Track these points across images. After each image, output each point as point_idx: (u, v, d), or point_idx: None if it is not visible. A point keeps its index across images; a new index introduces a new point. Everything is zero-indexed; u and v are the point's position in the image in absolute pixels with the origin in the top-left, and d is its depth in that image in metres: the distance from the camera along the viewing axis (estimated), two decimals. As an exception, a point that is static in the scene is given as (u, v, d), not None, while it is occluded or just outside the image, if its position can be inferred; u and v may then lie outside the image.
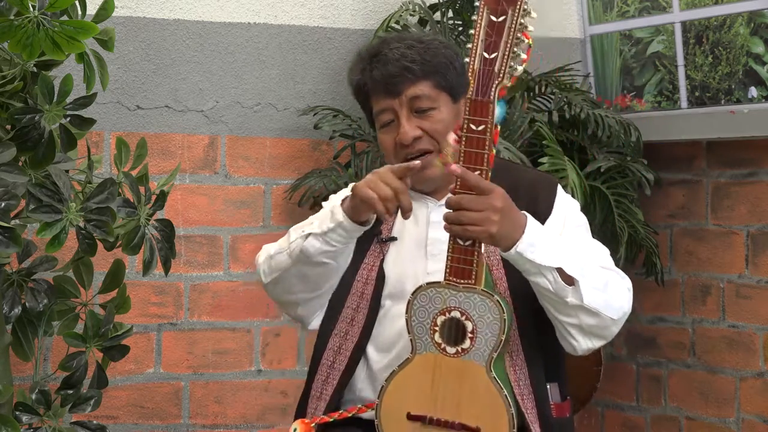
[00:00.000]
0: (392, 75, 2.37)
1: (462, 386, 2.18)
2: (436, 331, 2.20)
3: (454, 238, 2.18)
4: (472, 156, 2.17)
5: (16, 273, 2.66)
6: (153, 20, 3.43)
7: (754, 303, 3.49)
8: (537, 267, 2.20)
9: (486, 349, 2.17)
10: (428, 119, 2.38)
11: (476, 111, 2.18)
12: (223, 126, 3.51)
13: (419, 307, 2.21)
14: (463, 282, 2.19)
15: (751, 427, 3.48)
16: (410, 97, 2.37)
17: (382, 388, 2.22)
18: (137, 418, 3.40)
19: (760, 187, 3.48)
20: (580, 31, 3.92)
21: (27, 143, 2.41)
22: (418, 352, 2.21)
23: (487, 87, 2.19)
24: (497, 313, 2.17)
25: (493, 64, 2.18)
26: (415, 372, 2.21)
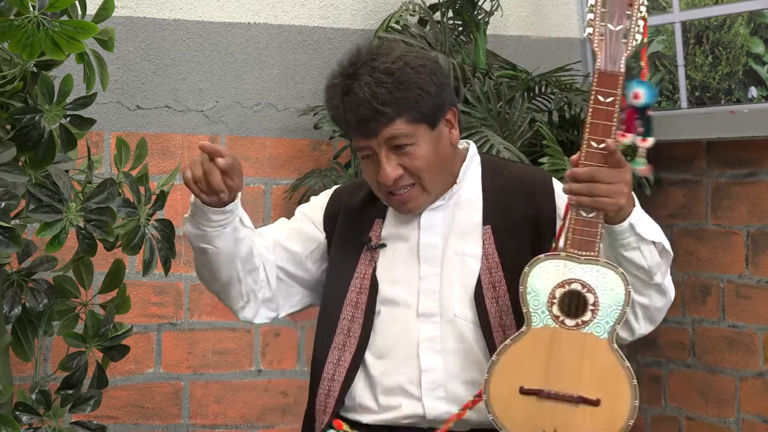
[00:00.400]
0: (365, 119, 2.31)
1: (582, 359, 2.15)
2: (554, 303, 2.17)
3: (577, 210, 2.16)
4: (599, 128, 2.15)
5: (16, 273, 2.66)
6: (153, 20, 3.43)
7: (754, 303, 3.49)
8: (640, 240, 2.20)
9: (609, 321, 2.15)
10: (407, 156, 2.33)
11: (605, 82, 2.16)
12: (223, 126, 3.51)
13: (535, 279, 2.18)
14: (585, 254, 2.16)
15: (751, 427, 3.48)
16: (387, 137, 2.32)
17: (492, 363, 2.18)
18: (137, 418, 3.40)
19: (760, 187, 3.48)
20: (580, 31, 3.92)
21: (27, 143, 2.41)
22: (533, 324, 2.17)
23: (616, 58, 2.17)
24: (621, 285, 2.16)
25: (620, 36, 2.17)
26: (529, 345, 2.17)
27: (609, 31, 2.18)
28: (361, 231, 2.44)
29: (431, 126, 2.35)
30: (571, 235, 2.17)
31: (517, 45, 3.84)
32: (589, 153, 2.15)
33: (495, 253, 2.36)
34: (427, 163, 2.34)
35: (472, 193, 2.43)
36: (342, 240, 2.46)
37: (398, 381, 2.35)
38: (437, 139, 2.36)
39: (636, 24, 2.18)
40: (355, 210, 2.47)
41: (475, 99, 3.42)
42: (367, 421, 2.38)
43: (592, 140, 2.16)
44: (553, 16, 3.91)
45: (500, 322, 2.32)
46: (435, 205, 2.41)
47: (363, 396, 2.38)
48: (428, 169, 2.35)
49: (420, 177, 2.35)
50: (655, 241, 2.24)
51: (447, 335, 2.34)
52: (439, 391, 2.33)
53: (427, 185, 2.36)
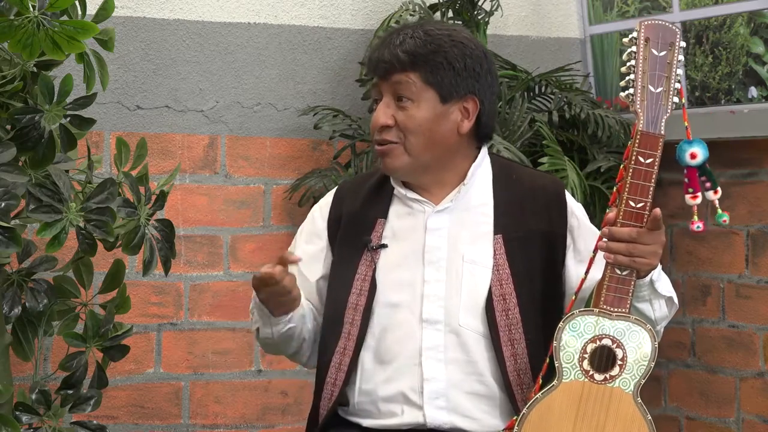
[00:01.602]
0: (384, 60, 2.37)
1: (608, 413, 2.21)
2: (585, 358, 2.22)
3: (612, 268, 2.21)
4: (638, 188, 2.21)
5: (16, 273, 2.66)
6: (153, 20, 3.43)
7: (754, 303, 3.49)
8: (654, 294, 2.27)
9: (635, 376, 2.21)
10: (404, 111, 2.35)
11: (646, 143, 2.22)
12: (223, 126, 3.51)
13: (569, 335, 2.23)
14: (617, 310, 2.22)
15: (751, 427, 3.48)
16: (395, 82, 2.36)
17: (522, 416, 2.21)
18: (137, 418, 3.40)
19: (760, 187, 3.48)
20: (580, 31, 3.92)
21: (27, 143, 2.40)
22: (564, 379, 2.22)
23: (656, 120, 2.24)
24: (649, 342, 2.21)
25: (660, 98, 2.23)
26: (560, 399, 2.22)
27: (650, 93, 2.23)
28: (362, 232, 2.42)
29: (441, 98, 2.36)
30: (605, 291, 2.22)
31: (517, 45, 3.84)
32: (626, 212, 2.21)
33: (506, 264, 2.34)
34: (418, 126, 2.34)
35: (482, 197, 2.41)
36: (345, 242, 2.45)
37: (400, 388, 2.34)
38: (441, 115, 2.36)
39: (674, 86, 2.24)
40: (357, 210, 2.46)
41: (475, 99, 3.42)
42: (367, 425, 2.37)
43: (631, 200, 2.21)
44: (553, 16, 3.91)
45: (509, 336, 2.31)
46: (442, 207, 2.39)
47: (363, 401, 2.37)
48: (417, 133, 2.34)
49: (406, 137, 2.35)
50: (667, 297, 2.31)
51: (450, 344, 2.33)
52: (441, 400, 2.32)
53: (411, 149, 2.35)
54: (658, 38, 2.24)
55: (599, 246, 2.23)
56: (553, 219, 2.40)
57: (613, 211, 2.21)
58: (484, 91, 2.39)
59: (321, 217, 2.51)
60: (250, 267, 3.49)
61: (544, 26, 3.91)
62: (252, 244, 3.52)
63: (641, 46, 2.24)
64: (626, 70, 2.25)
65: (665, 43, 2.24)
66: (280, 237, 3.54)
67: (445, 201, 2.39)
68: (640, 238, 2.18)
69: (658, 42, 2.24)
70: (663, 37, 2.24)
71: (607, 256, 2.20)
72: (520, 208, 2.39)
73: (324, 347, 2.44)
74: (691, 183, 2.25)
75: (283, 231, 3.55)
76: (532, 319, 2.33)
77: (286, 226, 3.55)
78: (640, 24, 2.25)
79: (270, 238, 3.54)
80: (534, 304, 2.34)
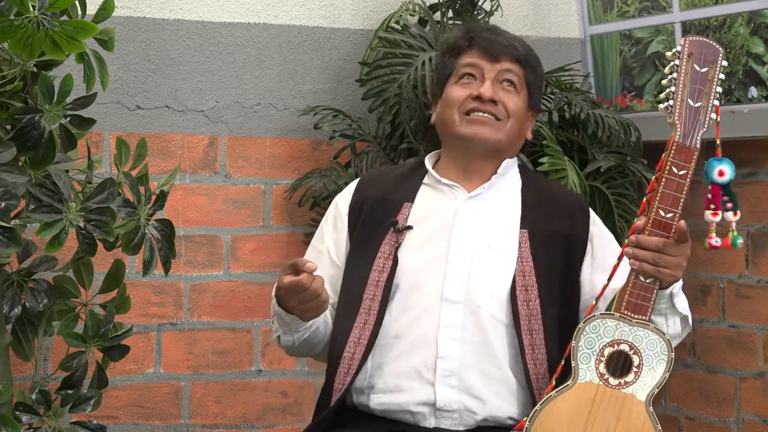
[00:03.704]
0: (500, 44, 2.49)
1: (619, 418, 2.23)
2: (602, 361, 2.25)
3: (636, 275, 2.24)
4: (669, 198, 2.23)
5: (16, 273, 2.66)
6: (153, 20, 3.43)
7: (754, 303, 3.49)
8: (671, 309, 2.31)
9: (650, 384, 2.25)
10: (509, 95, 2.47)
11: (680, 155, 2.24)
12: (223, 126, 3.51)
13: (588, 336, 2.25)
14: (637, 317, 2.24)
15: (751, 427, 3.48)
16: (505, 68, 2.48)
17: (535, 412, 2.23)
18: (137, 418, 3.40)
19: (760, 187, 3.48)
20: (580, 31, 3.92)
21: (27, 143, 2.40)
22: (580, 379, 2.24)
23: (693, 134, 2.26)
24: (666, 352, 2.26)
25: (699, 113, 2.26)
26: (573, 398, 2.23)
27: (689, 106, 2.27)
28: (387, 215, 2.47)
29: (528, 103, 2.51)
30: (627, 297, 2.25)
31: (517, 45, 3.84)
32: (656, 221, 2.23)
33: (530, 257, 2.39)
34: (517, 112, 2.48)
35: (511, 193, 2.49)
36: (367, 224, 2.48)
37: (413, 363, 2.36)
38: (523, 114, 2.51)
39: (712, 103, 2.27)
40: (381, 195, 2.51)
41: (475, 99, 3.41)
42: (375, 404, 2.37)
43: (661, 209, 2.24)
44: (553, 16, 3.91)
45: (528, 326, 2.35)
46: (474, 193, 2.46)
47: (375, 375, 2.38)
48: (516, 119, 2.47)
49: (508, 118, 2.46)
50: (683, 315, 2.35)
51: (468, 325, 2.36)
52: (453, 379, 2.34)
53: (507, 131, 2.47)
54: (701, 54, 2.28)
55: (625, 252, 2.26)
56: (576, 225, 2.47)
57: (642, 220, 2.25)
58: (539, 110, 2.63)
59: (343, 203, 2.56)
60: (250, 267, 3.49)
61: (544, 26, 3.91)
62: (252, 244, 3.52)
63: (684, 60, 2.28)
64: (667, 82, 2.29)
65: (708, 60, 2.28)
66: (280, 237, 3.54)
67: (478, 188, 2.47)
68: (667, 249, 2.21)
69: (701, 58, 2.28)
70: (706, 54, 2.28)
71: (633, 263, 2.23)
72: (546, 209, 2.46)
73: (342, 323, 2.44)
74: (714, 200, 2.27)
75: (283, 231, 3.55)
76: (550, 313, 2.37)
77: (286, 226, 3.55)
78: (685, 39, 2.30)
79: (270, 238, 3.54)
80: (552, 299, 2.39)
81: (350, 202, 2.53)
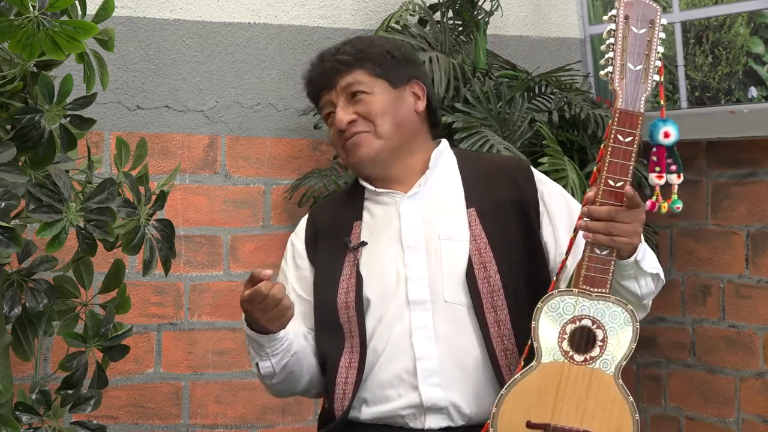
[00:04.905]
0: (325, 70, 2.46)
1: (588, 394, 2.19)
2: (564, 338, 2.21)
3: (591, 248, 2.19)
4: (618, 167, 2.19)
5: (16, 273, 2.66)
6: (153, 20, 3.43)
7: (754, 303, 3.49)
8: (639, 272, 2.26)
9: (616, 357, 2.20)
10: (362, 103, 2.43)
11: (625, 122, 2.19)
12: (223, 126, 3.51)
13: (548, 315, 2.21)
14: (597, 291, 2.20)
15: (751, 427, 3.48)
16: (343, 86, 2.44)
17: (501, 396, 2.21)
18: (137, 418, 3.40)
19: (760, 187, 3.48)
20: (580, 31, 3.92)
21: (27, 143, 2.40)
22: (543, 359, 2.21)
23: (635, 98, 2.20)
24: (630, 322, 2.20)
25: (640, 76, 2.20)
26: (538, 380, 2.21)
27: (629, 71, 2.21)
28: (340, 237, 2.48)
29: (391, 85, 2.45)
30: (584, 271, 2.21)
31: (517, 45, 3.84)
32: (605, 191, 2.19)
33: (483, 234, 2.38)
34: (382, 109, 2.42)
35: (449, 178, 2.47)
36: (325, 251, 2.50)
37: (395, 371, 2.37)
38: (397, 98, 2.45)
39: (654, 65, 2.22)
40: (332, 221, 2.53)
41: (475, 99, 3.42)
42: (365, 416, 2.38)
43: (610, 179, 2.20)
44: (553, 16, 3.91)
45: (492, 303, 2.34)
46: (412, 192, 2.45)
47: (362, 389, 2.39)
48: (383, 115, 2.42)
49: (375, 122, 2.42)
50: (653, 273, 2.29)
51: (439, 321, 2.36)
52: (435, 378, 2.34)
53: (382, 132, 2.42)
54: (638, 15, 2.21)
55: (578, 225, 2.22)
56: (522, 187, 2.44)
57: (592, 191, 2.21)
58: (424, 78, 2.52)
59: (299, 240, 2.58)
60: (250, 267, 3.49)
61: (544, 26, 3.91)
62: (252, 244, 3.52)
63: (621, 23, 2.21)
64: (605, 48, 2.23)
65: (645, 21, 2.21)
66: (280, 237, 3.54)
67: (414, 187, 2.46)
68: (619, 216, 2.17)
69: (638, 19, 2.21)
70: (643, 14, 2.22)
71: (587, 235, 2.19)
72: (489, 182, 2.44)
73: (330, 352, 2.44)
74: (660, 162, 2.22)
75: (282, 231, 3.55)
76: (512, 286, 2.36)
77: (286, 226, 3.55)
78: (619, 1, 2.23)
79: (270, 238, 3.54)
80: (514, 271, 2.37)
81: (305, 237, 2.55)
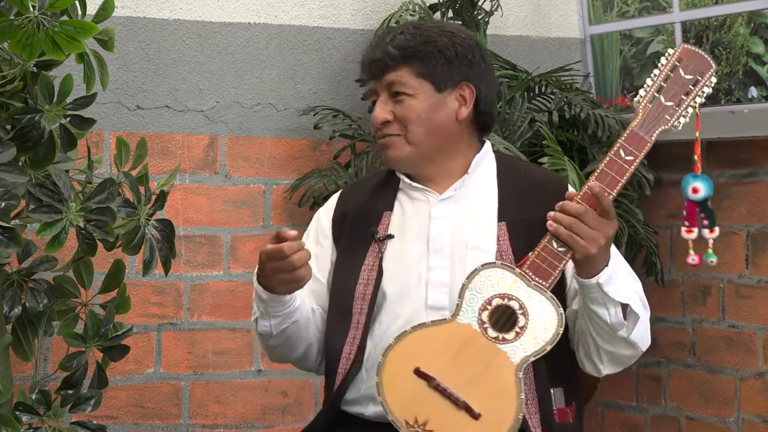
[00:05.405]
0: (375, 59, 2.41)
1: (485, 371, 2.17)
2: (487, 309, 2.20)
3: (550, 239, 2.20)
4: (608, 178, 2.20)
5: (16, 273, 2.66)
6: (153, 20, 3.43)
7: (754, 303, 3.49)
8: (606, 299, 2.23)
9: (527, 350, 2.17)
10: (401, 105, 2.39)
11: (632, 141, 2.22)
12: (223, 126, 3.51)
13: (481, 280, 2.20)
14: (537, 280, 2.20)
15: (751, 427, 3.48)
16: (387, 82, 2.40)
17: (404, 333, 2.20)
18: (137, 418, 3.40)
19: (760, 187, 3.48)
20: (580, 31, 3.92)
21: (27, 143, 2.40)
22: (458, 319, 2.20)
23: (652, 127, 2.22)
24: (555, 324, 2.18)
25: (666, 111, 2.23)
26: (445, 335, 2.19)
27: (658, 101, 2.23)
28: (368, 224, 2.44)
29: (436, 88, 2.39)
30: (534, 257, 2.21)
31: (517, 45, 3.84)
32: (586, 194, 2.20)
33: (509, 250, 2.35)
34: (418, 116, 2.38)
35: (486, 187, 2.43)
36: (351, 236, 2.46)
37: None
38: (439, 104, 2.39)
39: (685, 110, 2.24)
40: (362, 206, 2.48)
41: (475, 99, 3.41)
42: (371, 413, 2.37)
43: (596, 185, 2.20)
44: (553, 16, 3.92)
45: None
46: (446, 195, 2.41)
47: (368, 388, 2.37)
48: (416, 123, 2.38)
49: (407, 128, 2.38)
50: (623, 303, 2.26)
51: None
52: None
53: (413, 139, 2.38)
54: (691, 63, 2.26)
55: (547, 214, 2.22)
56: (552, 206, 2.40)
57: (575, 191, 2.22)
58: (479, 78, 2.42)
59: (326, 217, 2.52)
60: (250, 267, 3.49)
61: (544, 26, 3.91)
62: (252, 244, 3.52)
63: (670, 63, 2.25)
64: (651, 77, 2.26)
65: (696, 70, 2.25)
66: (280, 237, 3.54)
67: (449, 190, 2.41)
68: (586, 217, 2.17)
69: (689, 66, 2.25)
70: (697, 65, 2.26)
71: (550, 224, 2.19)
72: (525, 197, 2.40)
73: (333, 339, 2.43)
74: (689, 217, 2.24)
75: (283, 231, 3.55)
76: None
77: (286, 226, 3.55)
78: (681, 45, 2.28)
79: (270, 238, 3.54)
80: None
81: (333, 215, 2.51)
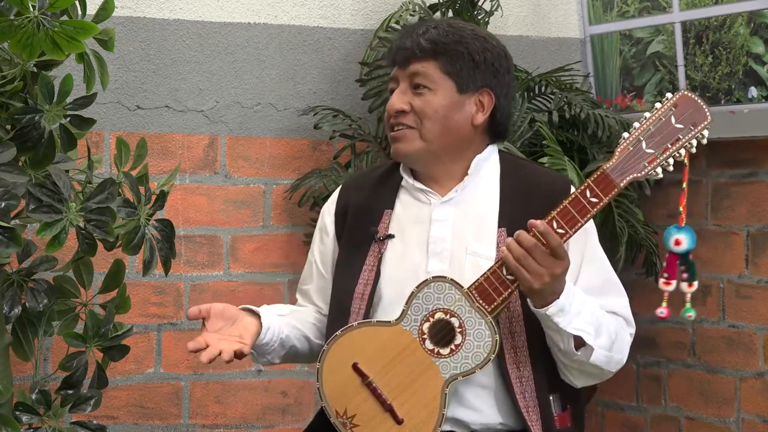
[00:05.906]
0: (404, 47, 2.39)
1: (416, 380, 2.21)
2: (429, 321, 2.23)
3: (501, 265, 2.19)
4: (568, 216, 2.17)
5: (16, 273, 2.66)
6: (153, 20, 3.43)
7: (754, 303, 3.49)
8: (558, 329, 2.23)
9: (457, 368, 2.21)
10: (420, 98, 2.37)
11: (601, 183, 2.17)
12: (223, 126, 3.51)
13: (429, 293, 2.23)
14: (480, 303, 2.21)
15: (751, 427, 3.48)
16: (412, 71, 2.38)
17: (350, 327, 2.25)
18: (137, 418, 3.40)
19: (760, 187, 3.48)
20: (580, 31, 3.92)
21: (27, 143, 2.40)
22: (401, 325, 2.24)
23: (624, 171, 2.18)
24: (488, 349, 2.20)
25: (643, 158, 2.17)
26: (386, 338, 2.23)
27: (638, 147, 2.18)
28: (369, 223, 2.43)
29: (459, 89, 2.38)
30: (482, 280, 2.21)
31: (517, 45, 3.84)
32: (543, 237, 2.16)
33: None
34: (435, 112, 2.37)
35: (488, 191, 2.41)
36: (352, 234, 2.45)
37: None
38: (457, 105, 2.38)
39: (666, 161, 2.18)
40: (364, 202, 2.47)
41: (475, 99, 3.42)
42: None
43: (556, 221, 2.18)
44: (553, 16, 3.92)
45: (510, 329, 2.30)
46: (447, 198, 2.39)
47: None
48: (433, 119, 2.36)
49: (422, 123, 2.37)
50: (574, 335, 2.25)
51: None
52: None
53: (426, 135, 2.37)
54: (686, 112, 2.18)
55: (505, 241, 2.21)
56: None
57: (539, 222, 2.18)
58: (501, 88, 2.41)
59: (328, 213, 2.52)
60: (250, 267, 3.49)
61: (544, 26, 3.91)
62: (252, 244, 3.52)
63: (664, 108, 2.18)
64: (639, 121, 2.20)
65: (688, 120, 2.18)
66: (280, 237, 3.54)
67: (450, 192, 2.40)
68: (536, 253, 2.15)
69: (683, 114, 2.18)
70: (691, 114, 2.18)
71: (503, 250, 2.19)
72: (526, 201, 2.38)
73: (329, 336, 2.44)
74: (668, 268, 2.20)
75: (283, 231, 3.55)
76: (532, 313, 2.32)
77: (286, 226, 3.55)
78: (680, 91, 2.20)
79: (270, 238, 3.54)
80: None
81: (334, 210, 2.50)
